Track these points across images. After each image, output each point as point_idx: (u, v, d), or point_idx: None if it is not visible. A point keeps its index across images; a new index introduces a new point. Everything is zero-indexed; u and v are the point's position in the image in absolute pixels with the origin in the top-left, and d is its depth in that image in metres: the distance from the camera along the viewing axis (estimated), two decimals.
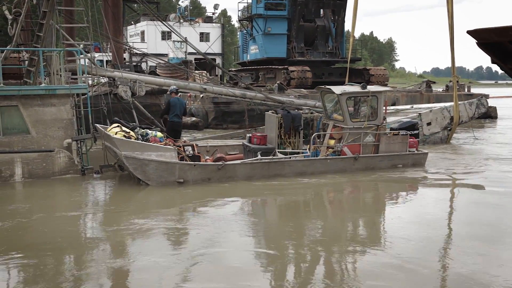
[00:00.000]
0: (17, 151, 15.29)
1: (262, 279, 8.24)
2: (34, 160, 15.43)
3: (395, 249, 9.51)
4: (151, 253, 9.30)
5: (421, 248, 9.61)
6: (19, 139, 15.43)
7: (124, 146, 14.27)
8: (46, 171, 15.58)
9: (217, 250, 9.52)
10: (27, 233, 10.65)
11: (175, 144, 15.34)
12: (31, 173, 15.39)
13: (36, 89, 15.94)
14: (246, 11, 41.95)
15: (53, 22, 17.17)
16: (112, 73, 21.25)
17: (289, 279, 8.34)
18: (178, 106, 17.68)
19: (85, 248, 9.77)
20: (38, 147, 15.58)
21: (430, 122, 22.97)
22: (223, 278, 8.18)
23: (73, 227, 11.19)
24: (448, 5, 21.90)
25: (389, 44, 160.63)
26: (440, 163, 18.50)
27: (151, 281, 8.05)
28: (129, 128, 15.24)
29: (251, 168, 15.53)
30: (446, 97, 34.11)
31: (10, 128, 15.40)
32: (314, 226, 11.49)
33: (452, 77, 24.50)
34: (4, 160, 15.08)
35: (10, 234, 10.53)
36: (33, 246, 9.72)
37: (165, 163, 14.45)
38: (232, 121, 30.00)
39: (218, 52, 57.32)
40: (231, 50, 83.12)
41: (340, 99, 16.46)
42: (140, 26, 59.64)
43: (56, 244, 9.83)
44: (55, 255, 9.24)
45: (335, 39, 38.55)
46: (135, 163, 14.31)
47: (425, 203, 13.33)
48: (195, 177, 14.79)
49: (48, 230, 10.75)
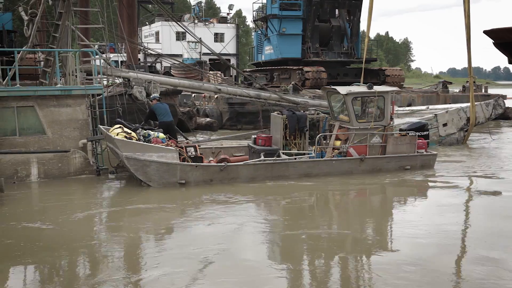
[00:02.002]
0: (33, 152, 15.38)
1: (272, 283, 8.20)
2: (50, 160, 15.51)
3: (405, 254, 9.42)
4: (164, 253, 9.32)
5: (433, 254, 9.50)
6: (35, 140, 15.51)
7: (125, 147, 14.23)
8: (62, 171, 15.65)
9: (226, 250, 9.53)
10: (43, 234, 10.69)
11: (177, 145, 15.25)
12: (47, 173, 15.46)
13: (52, 89, 16.03)
14: (261, 12, 41.91)
15: (68, 23, 17.26)
16: (127, 74, 21.34)
17: (300, 281, 8.30)
18: (163, 108, 17.55)
19: (100, 249, 9.80)
20: (53, 147, 15.66)
21: (446, 123, 22.76)
22: (233, 279, 8.17)
23: (88, 228, 11.20)
24: (464, 4, 21.70)
25: (404, 44, 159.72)
26: (452, 164, 18.20)
27: (165, 280, 8.06)
28: (131, 129, 15.15)
29: (254, 170, 15.38)
30: (462, 98, 33.82)
31: (26, 129, 15.50)
32: (317, 227, 11.44)
33: (468, 77, 24.28)
34: (21, 160, 15.18)
35: (26, 234, 10.57)
36: (49, 247, 9.75)
37: (166, 164, 14.37)
38: (246, 122, 29.92)
39: (232, 53, 57.28)
40: (246, 51, 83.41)
41: (345, 99, 16.24)
42: (155, 26, 59.77)
43: (71, 245, 9.85)
44: (70, 256, 9.28)
45: (350, 40, 38.44)
46: (136, 164, 14.26)
47: (433, 207, 13.05)
48: (197, 178, 14.68)
49: (63, 231, 10.78)
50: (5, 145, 15.07)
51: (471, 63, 22.81)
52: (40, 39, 21.86)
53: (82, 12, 22.33)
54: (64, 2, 16.73)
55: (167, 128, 17.13)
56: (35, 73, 20.90)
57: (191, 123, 27.86)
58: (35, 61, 22.72)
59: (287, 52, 37.39)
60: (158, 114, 17.38)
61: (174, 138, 16.54)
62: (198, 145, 16.04)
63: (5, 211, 12.21)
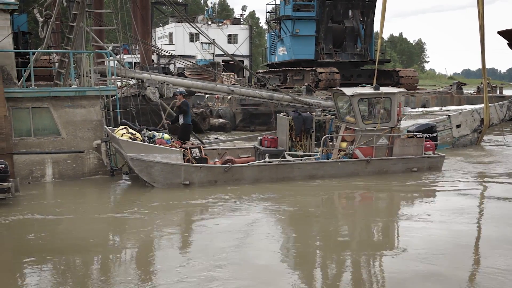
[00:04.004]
0: (48, 152, 15.51)
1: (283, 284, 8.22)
2: (65, 161, 15.63)
3: (416, 255, 9.41)
4: (175, 254, 9.38)
5: (443, 256, 9.50)
6: (50, 140, 15.63)
7: (129, 148, 14.27)
8: (76, 171, 15.76)
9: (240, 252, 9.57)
10: (57, 234, 10.79)
11: (182, 146, 15.23)
12: (61, 173, 15.59)
13: (66, 90, 16.15)
14: (274, 13, 41.95)
15: (83, 25, 17.40)
16: (140, 75, 21.45)
17: (310, 281, 8.31)
18: (189, 108, 17.46)
19: (112, 250, 9.91)
20: (68, 148, 15.78)
21: (460, 124, 22.64)
22: (244, 281, 8.21)
23: (101, 229, 11.29)
24: (478, 5, 21.60)
25: (418, 45, 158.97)
26: (461, 166, 18.03)
27: (175, 281, 8.12)
28: (136, 130, 15.19)
29: (259, 171, 15.34)
30: (477, 99, 33.58)
31: (41, 129, 15.62)
32: (324, 229, 11.44)
33: (482, 78, 24.14)
34: (36, 160, 15.31)
35: (40, 234, 10.67)
36: (62, 247, 9.86)
37: (170, 165, 14.40)
38: (259, 123, 29.92)
39: (246, 54, 57.32)
40: (259, 52, 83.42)
41: (352, 100, 16.16)
42: (168, 28, 59.92)
43: (84, 246, 9.94)
44: (82, 257, 9.36)
45: (364, 41, 38.34)
46: (141, 165, 14.30)
47: (439, 210, 12.78)
48: (201, 179, 14.68)
49: (77, 232, 10.86)
50: (20, 145, 15.20)
51: (485, 64, 22.70)
52: (55, 41, 22.06)
53: (96, 14, 22.50)
54: (79, 3, 16.86)
55: (189, 131, 17.17)
56: (49, 74, 21.04)
57: (204, 124, 27.95)
58: (49, 62, 22.91)
59: (301, 53, 37.37)
60: (188, 114, 17.21)
61: (188, 140, 16.56)
62: (203, 146, 16.03)
63: (20, 210, 12.31)
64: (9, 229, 11.10)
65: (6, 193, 12.61)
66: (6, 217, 11.76)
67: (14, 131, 15.14)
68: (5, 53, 15.43)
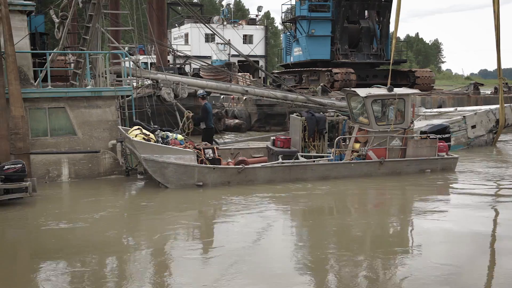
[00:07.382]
0: (64, 152, 15.67)
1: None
2: (81, 160, 15.79)
3: (432, 256, 9.42)
4: (190, 256, 9.47)
5: (458, 257, 9.52)
6: (66, 140, 15.80)
7: (143, 149, 14.29)
8: (92, 171, 15.91)
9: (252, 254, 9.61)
10: (73, 233, 10.88)
11: (195, 147, 15.22)
12: (77, 173, 15.74)
13: (82, 91, 16.31)
14: (289, 13, 41.95)
15: (99, 25, 17.55)
16: (155, 75, 21.57)
17: (326, 282, 8.35)
18: (211, 111, 17.56)
19: (127, 251, 9.99)
20: (84, 148, 15.93)
21: (475, 125, 22.50)
22: (260, 281, 8.25)
23: (117, 229, 11.36)
24: (494, 5, 21.46)
25: (435, 45, 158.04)
26: (475, 167, 17.86)
27: (191, 282, 8.18)
28: (150, 131, 15.22)
29: (272, 172, 15.33)
30: (494, 100, 33.21)
31: (57, 129, 15.80)
32: (338, 230, 11.40)
33: (498, 79, 23.97)
34: (52, 160, 15.48)
35: (57, 233, 10.81)
36: (78, 247, 9.96)
37: (184, 166, 14.40)
38: (275, 123, 29.90)
39: (261, 54, 57.40)
40: (275, 52, 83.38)
41: (365, 101, 16.11)
42: (184, 28, 60.13)
43: (99, 246, 10.05)
44: (99, 258, 9.45)
45: (379, 41, 38.20)
46: (154, 166, 14.31)
47: (453, 211, 12.78)
48: (215, 180, 14.69)
49: (92, 232, 10.96)
50: (37, 145, 15.38)
51: (501, 64, 22.56)
52: (71, 41, 22.24)
53: (112, 15, 22.68)
54: (95, 4, 17.02)
55: (211, 134, 17.25)
56: (66, 74, 21.24)
57: (220, 124, 28.01)
58: (65, 63, 23.13)
59: (316, 54, 37.33)
60: (210, 117, 17.29)
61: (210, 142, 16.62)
62: (217, 147, 16.09)
63: (37, 210, 12.48)
64: (26, 228, 11.26)
65: (23, 193, 12.76)
66: (24, 216, 11.95)
67: (31, 131, 15.33)
68: (22, 54, 15.60)
